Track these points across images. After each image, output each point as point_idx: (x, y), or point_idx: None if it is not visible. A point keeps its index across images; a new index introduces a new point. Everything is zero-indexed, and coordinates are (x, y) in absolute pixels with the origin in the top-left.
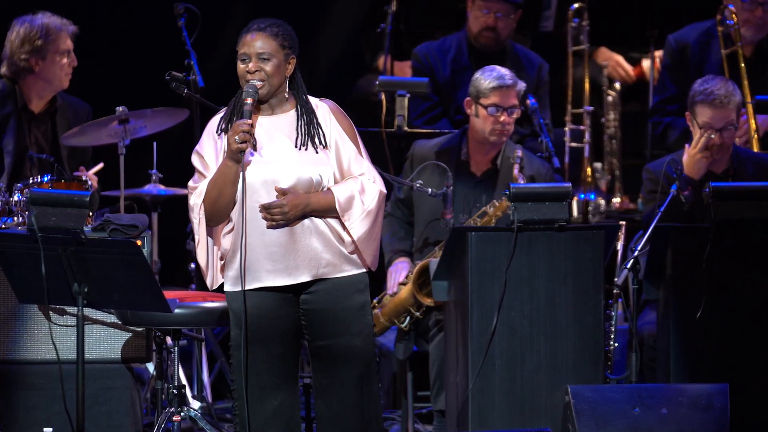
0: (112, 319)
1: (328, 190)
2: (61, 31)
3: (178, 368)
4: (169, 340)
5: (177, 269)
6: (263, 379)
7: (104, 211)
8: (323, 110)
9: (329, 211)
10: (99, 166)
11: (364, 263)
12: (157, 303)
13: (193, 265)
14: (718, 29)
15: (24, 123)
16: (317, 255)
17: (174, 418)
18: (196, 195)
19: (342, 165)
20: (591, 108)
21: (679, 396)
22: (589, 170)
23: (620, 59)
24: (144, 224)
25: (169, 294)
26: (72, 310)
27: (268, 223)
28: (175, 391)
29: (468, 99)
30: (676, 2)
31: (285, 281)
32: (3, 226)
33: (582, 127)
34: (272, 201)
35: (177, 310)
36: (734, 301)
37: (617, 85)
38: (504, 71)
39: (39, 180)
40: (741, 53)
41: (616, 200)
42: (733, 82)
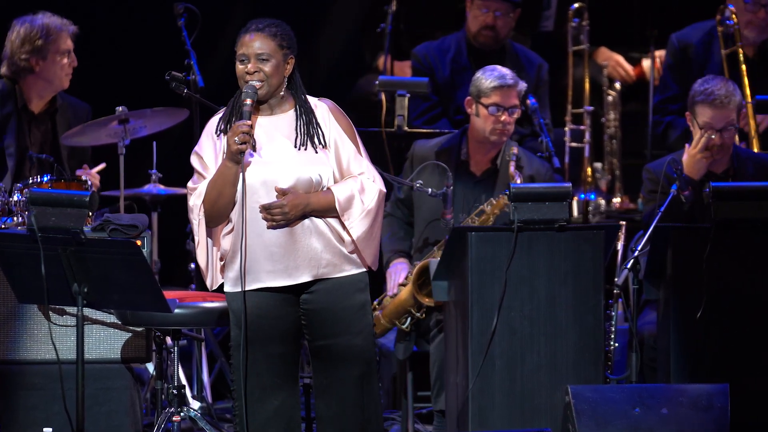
0: (111, 319)
1: (327, 189)
2: (62, 32)
3: (177, 368)
4: (168, 340)
5: (177, 269)
6: (264, 380)
7: (104, 211)
8: (322, 110)
9: (329, 210)
10: (101, 166)
11: (364, 262)
12: (157, 303)
13: (192, 265)
14: (718, 29)
15: (24, 123)
16: (317, 255)
17: (174, 419)
18: (196, 196)
19: (341, 164)
20: (591, 108)
21: (680, 396)
22: (589, 170)
23: (620, 59)
24: (144, 224)
25: (169, 294)
26: (72, 310)
27: (268, 224)
28: (174, 392)
29: (469, 98)
30: (676, 2)
31: (285, 281)
32: (3, 226)
33: (582, 127)
34: (272, 201)
35: (177, 310)
36: (734, 301)
37: (617, 85)
38: (505, 71)
39: (39, 180)
40: (741, 53)
41: (617, 200)
42: (733, 82)
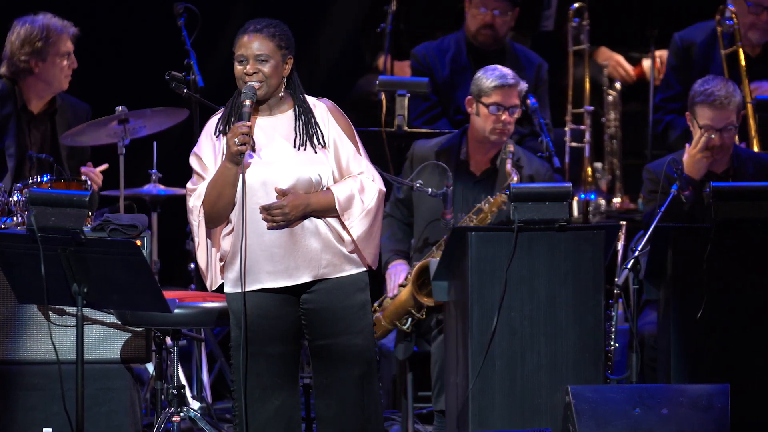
0: (111, 319)
1: (327, 189)
2: (62, 33)
3: (177, 368)
4: (168, 340)
5: (176, 269)
6: (264, 379)
7: (104, 211)
8: (321, 110)
9: (329, 210)
10: (104, 166)
11: (364, 262)
12: (157, 303)
13: (192, 266)
14: (718, 29)
15: (24, 123)
16: (317, 255)
17: (173, 419)
18: (195, 197)
19: (341, 164)
20: (591, 108)
21: (680, 396)
22: (589, 170)
23: (620, 59)
24: (143, 224)
25: (169, 294)
26: (71, 310)
27: (269, 225)
28: (174, 392)
29: (469, 98)
30: (676, 2)
31: (285, 282)
32: (2, 226)
33: (582, 127)
34: (272, 202)
35: (176, 311)
36: (735, 302)
37: (618, 85)
38: (506, 71)
39: (38, 180)
40: (741, 53)
41: (617, 200)
42: (733, 83)
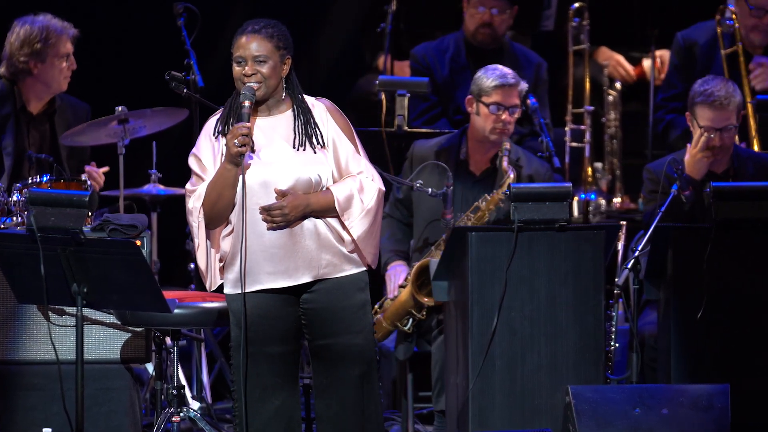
0: (111, 319)
1: (327, 189)
2: (62, 35)
3: (177, 369)
4: (168, 340)
5: (176, 269)
6: (264, 379)
7: (103, 211)
8: (320, 109)
9: (329, 210)
10: (105, 169)
11: (364, 261)
12: (157, 303)
13: (192, 265)
14: (717, 29)
15: (23, 124)
16: (317, 255)
17: (173, 419)
18: (195, 198)
19: (340, 164)
20: (591, 108)
21: (680, 396)
22: (589, 170)
23: (621, 59)
24: (143, 224)
25: (169, 294)
26: (71, 310)
27: (268, 225)
28: (174, 392)
29: (469, 97)
30: (676, 1)
31: (286, 283)
32: (2, 226)
33: (582, 127)
34: (272, 203)
35: (176, 311)
36: (735, 302)
37: (618, 85)
38: (507, 70)
39: (38, 180)
40: (741, 53)
41: (617, 200)
42: (733, 83)
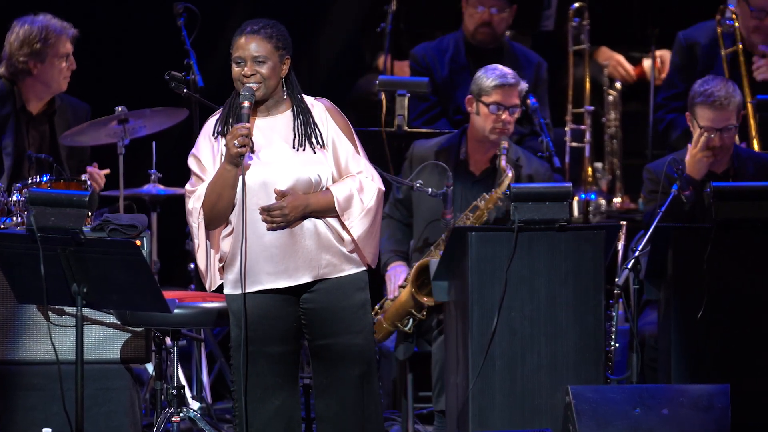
0: (111, 319)
1: (326, 189)
2: (61, 35)
3: (177, 369)
4: (168, 340)
5: (176, 269)
6: (265, 379)
7: (103, 211)
8: (319, 109)
9: (329, 211)
10: (106, 171)
11: (364, 261)
12: (157, 303)
13: (192, 265)
14: (718, 29)
15: (22, 124)
16: (317, 256)
17: (173, 419)
18: (195, 199)
19: (339, 163)
20: (592, 108)
21: (680, 396)
22: (589, 170)
23: (621, 59)
24: (143, 224)
25: (169, 294)
26: (71, 310)
27: (268, 226)
28: (174, 392)
29: (469, 97)
30: (677, 1)
31: (286, 283)
32: (2, 226)
33: (583, 127)
34: (272, 203)
35: (176, 311)
36: (735, 302)
37: (618, 85)
38: (507, 70)
39: (38, 180)
40: (741, 53)
41: (617, 200)
42: (733, 83)
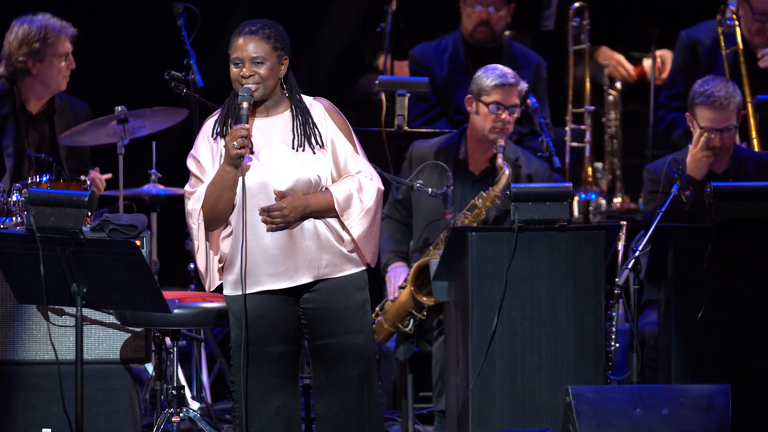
0: (111, 319)
1: (326, 190)
2: (60, 34)
3: (177, 369)
4: (168, 340)
5: (176, 269)
6: (265, 380)
7: (103, 211)
8: (318, 109)
9: (328, 211)
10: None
11: (364, 261)
12: (156, 303)
13: (192, 266)
14: (718, 29)
15: (22, 124)
16: (317, 256)
17: (173, 419)
18: (195, 200)
19: (338, 163)
20: (592, 107)
21: (681, 396)
22: (590, 170)
23: (621, 58)
24: (143, 224)
25: (168, 294)
26: (71, 310)
27: (268, 227)
28: (174, 392)
29: (469, 96)
30: (677, 1)
31: (286, 284)
32: (2, 226)
33: (583, 127)
34: (271, 204)
35: (176, 311)
36: (735, 302)
37: (618, 85)
38: (507, 70)
39: (37, 180)
40: (741, 52)
41: (617, 200)
42: (733, 83)
